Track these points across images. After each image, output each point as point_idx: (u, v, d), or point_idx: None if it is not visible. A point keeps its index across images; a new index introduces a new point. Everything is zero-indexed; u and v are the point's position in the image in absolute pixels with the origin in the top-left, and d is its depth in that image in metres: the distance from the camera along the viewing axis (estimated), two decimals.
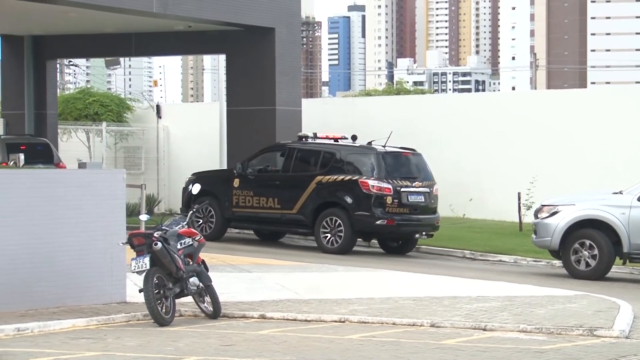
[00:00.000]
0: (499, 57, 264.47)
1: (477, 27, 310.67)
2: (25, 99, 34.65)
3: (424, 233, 26.36)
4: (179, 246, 16.14)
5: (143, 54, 41.59)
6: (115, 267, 17.62)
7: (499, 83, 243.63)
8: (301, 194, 26.32)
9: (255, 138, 31.48)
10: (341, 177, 26.05)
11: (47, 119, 34.77)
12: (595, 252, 22.51)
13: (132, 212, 26.44)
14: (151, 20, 30.09)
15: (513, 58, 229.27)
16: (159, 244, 15.68)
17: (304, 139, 27.88)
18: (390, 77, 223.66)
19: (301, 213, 26.26)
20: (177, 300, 16.05)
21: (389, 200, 25.52)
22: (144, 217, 18.32)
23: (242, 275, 20.93)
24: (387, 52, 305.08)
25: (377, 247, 27.57)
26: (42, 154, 31.12)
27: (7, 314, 15.84)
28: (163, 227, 16.40)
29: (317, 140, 27.57)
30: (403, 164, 26.74)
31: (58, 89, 40.91)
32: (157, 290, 15.58)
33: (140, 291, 15.71)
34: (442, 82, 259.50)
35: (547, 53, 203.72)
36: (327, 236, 25.93)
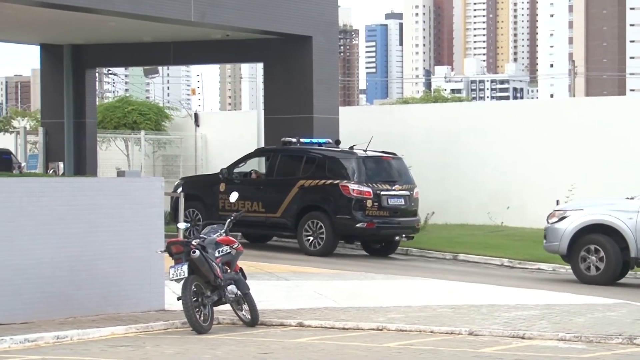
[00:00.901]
0: (537, 64, 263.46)
1: (515, 35, 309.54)
2: (64, 108, 34.83)
3: (404, 235, 26.67)
4: (216, 254, 16.18)
5: (181, 62, 41.84)
6: (154, 275, 17.69)
7: (537, 90, 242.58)
8: (284, 198, 26.84)
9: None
10: (323, 181, 26.59)
11: (87, 128, 34.92)
12: (603, 257, 22.62)
13: (169, 220, 26.52)
14: (189, 29, 30.20)
15: (551, 65, 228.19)
16: (197, 252, 15.73)
17: (287, 144, 28.33)
18: (428, 84, 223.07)
19: (284, 216, 26.78)
20: (215, 308, 16.09)
21: (369, 203, 26.07)
22: (182, 225, 18.38)
23: (279, 283, 20.95)
24: (424, 60, 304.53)
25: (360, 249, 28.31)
26: (5, 163, 32.04)
27: (47, 322, 15.93)
28: (201, 235, 16.46)
29: (300, 147, 28.07)
30: (383, 168, 27.27)
31: (97, 98, 41.11)
32: (195, 298, 15.63)
33: (178, 299, 15.75)
34: (479, 89, 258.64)
35: (585, 60, 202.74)
36: (309, 239, 26.49)
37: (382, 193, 26.35)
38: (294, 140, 28.24)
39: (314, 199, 26.64)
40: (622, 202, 23.20)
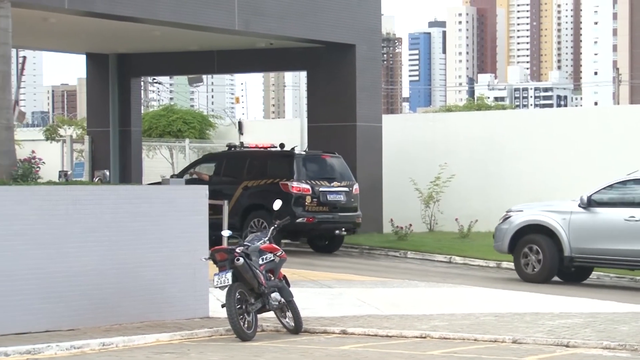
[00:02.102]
0: (581, 72, 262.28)
1: (559, 42, 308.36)
2: (110, 116, 35.04)
3: (343, 229, 26.83)
4: (260, 262, 16.21)
5: (225, 71, 41.99)
6: (198, 282, 17.75)
7: (581, 98, 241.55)
8: (230, 198, 26.96)
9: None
10: (264, 180, 27.34)
11: (132, 136, 35.12)
12: (541, 256, 23.58)
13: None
14: (233, 37, 30.32)
15: (595, 73, 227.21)
16: (241, 260, 15.76)
17: (232, 148, 29.46)
18: (471, 92, 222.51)
19: (231, 217, 26.71)
20: (259, 316, 16.11)
21: (308, 199, 27.03)
22: (226, 232, 18.42)
23: (323, 291, 20.96)
24: (467, 68, 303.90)
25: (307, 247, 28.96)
26: None
27: (93, 329, 16.03)
28: (245, 243, 16.49)
29: (245, 150, 29.30)
30: (322, 166, 28.30)
31: (142, 107, 41.33)
32: (239, 306, 15.66)
33: (222, 306, 15.79)
34: (523, 97, 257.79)
35: (630, 68, 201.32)
36: None
37: (321, 189, 27.41)
38: (237, 144, 29.97)
39: (257, 199, 27.41)
40: (559, 203, 24.44)
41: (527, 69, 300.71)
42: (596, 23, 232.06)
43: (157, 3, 26.15)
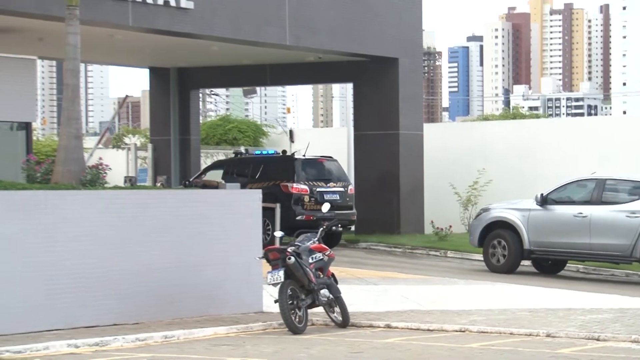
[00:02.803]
0: (610, 83, 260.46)
1: (590, 55, 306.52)
2: (171, 126, 35.21)
3: (339, 226, 27.02)
4: (310, 260, 16.24)
5: (277, 83, 42.01)
6: (253, 279, 17.81)
7: (610, 108, 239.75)
8: None
9: (380, 160, 31.58)
10: (267, 183, 27.60)
11: (191, 144, 35.28)
12: (506, 248, 24.59)
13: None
14: (285, 52, 30.39)
15: (624, 84, 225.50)
16: (293, 259, 15.80)
17: (238, 155, 30.32)
18: (507, 102, 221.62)
19: None
20: (309, 310, 16.13)
21: (306, 199, 27.61)
22: (278, 233, 18.46)
23: (369, 288, 20.96)
24: (503, 79, 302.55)
25: None
26: None
27: (156, 323, 16.11)
28: (296, 243, 16.53)
29: (249, 156, 29.85)
30: (319, 169, 28.92)
31: (200, 117, 41.50)
32: (290, 301, 15.69)
33: (275, 302, 15.82)
34: (556, 107, 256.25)
35: None
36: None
37: (318, 190, 28.07)
38: (243, 151, 30.82)
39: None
40: (521, 202, 25.30)
41: (560, 80, 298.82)
42: (625, 37, 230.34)
43: (215, 20, 26.25)
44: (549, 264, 25.38)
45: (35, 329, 15.04)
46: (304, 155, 29.05)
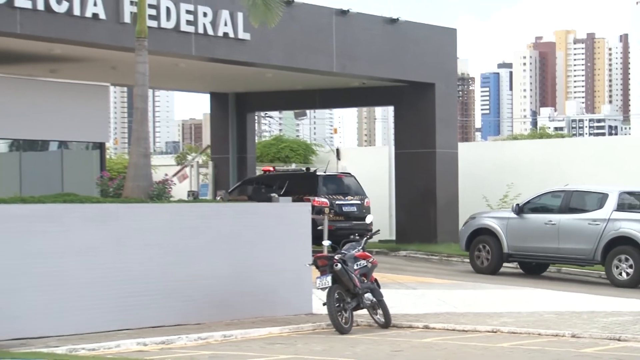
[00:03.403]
0: (629, 105, 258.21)
1: (610, 80, 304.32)
2: (229, 145, 35.32)
3: (357, 234, 26.91)
4: (355, 267, 16.22)
5: (325, 106, 42.10)
6: (303, 284, 17.80)
7: (629, 128, 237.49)
8: None
9: (418, 176, 31.51)
10: (291, 197, 27.04)
11: (247, 162, 35.36)
12: (489, 252, 25.20)
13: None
14: (332, 78, 30.42)
15: None
16: (339, 265, 15.79)
17: (266, 172, 30.27)
18: (534, 123, 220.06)
19: None
20: (354, 313, 16.11)
21: (327, 211, 26.97)
22: (326, 242, 18.46)
23: (408, 292, 20.88)
24: (531, 102, 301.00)
25: None
26: None
27: (216, 323, 16.15)
28: (342, 251, 16.51)
29: (277, 173, 30.00)
30: (338, 184, 29.00)
31: (256, 137, 41.60)
32: (337, 304, 15.67)
33: (323, 304, 15.81)
34: (579, 127, 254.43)
35: None
36: None
37: (337, 202, 28.13)
38: (271, 169, 30.68)
39: None
40: (501, 211, 26.28)
41: (583, 103, 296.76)
42: None
43: (269, 50, 26.33)
44: (534, 266, 25.90)
45: (107, 329, 15.12)
46: (324, 172, 29.42)
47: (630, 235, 23.22)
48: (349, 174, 30.20)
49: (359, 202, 28.81)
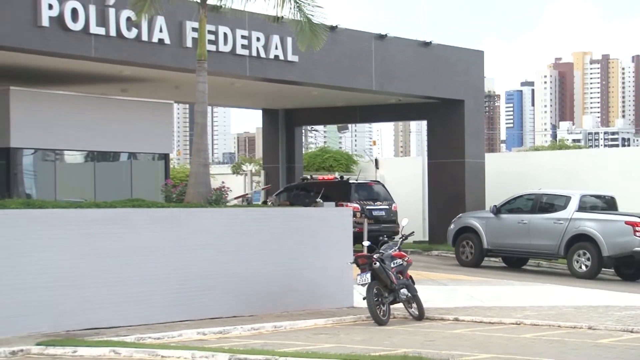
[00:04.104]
0: None
1: (624, 97, 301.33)
2: (279, 156, 35.40)
3: (385, 236, 26.63)
4: (392, 265, 16.18)
5: (365, 121, 41.98)
6: (345, 280, 17.77)
7: None
8: None
9: (449, 183, 31.39)
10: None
11: (295, 171, 35.41)
12: (473, 247, 25.97)
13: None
14: (371, 96, 30.41)
15: None
16: (378, 264, 15.76)
17: (304, 180, 30.35)
18: (554, 136, 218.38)
19: None
20: (391, 306, 16.06)
21: (358, 215, 27.13)
22: (366, 243, 18.41)
23: (440, 288, 20.78)
24: (551, 117, 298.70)
25: None
26: None
27: (267, 315, 16.17)
28: (380, 251, 16.47)
29: (314, 181, 29.71)
30: (368, 190, 29.00)
31: (303, 148, 41.66)
32: (376, 299, 15.64)
33: (363, 299, 15.78)
34: (595, 139, 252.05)
35: None
36: None
37: (367, 207, 28.05)
38: (309, 177, 30.60)
39: None
40: (483, 212, 26.79)
41: (598, 117, 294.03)
42: None
43: (315, 71, 26.37)
44: (515, 260, 26.47)
45: (170, 320, 15.19)
46: (356, 180, 29.50)
47: (588, 233, 23.89)
48: (378, 181, 30.28)
49: (387, 207, 28.77)
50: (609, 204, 25.54)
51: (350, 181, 29.15)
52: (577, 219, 24.21)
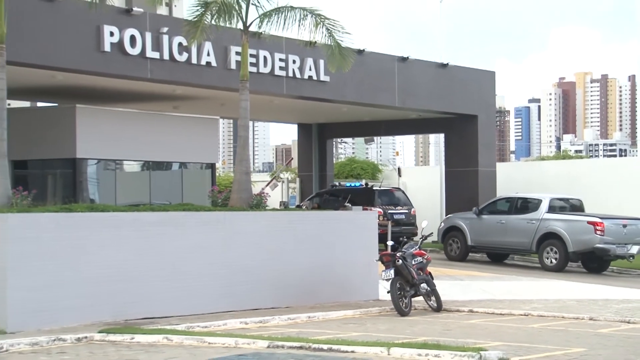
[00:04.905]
0: (636, 132, 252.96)
1: (621, 112, 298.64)
2: (313, 165, 35.41)
3: (405, 237, 26.32)
4: (413, 262, 16.13)
5: (389, 134, 41.91)
6: (371, 275, 17.74)
7: (636, 150, 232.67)
8: None
9: (464, 190, 31.21)
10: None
11: (327, 178, 35.40)
12: (459, 244, 26.36)
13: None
14: (394, 111, 30.35)
15: None
16: (400, 261, 15.73)
17: (333, 186, 30.14)
18: (558, 147, 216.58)
19: None
20: (412, 299, 16.01)
21: (380, 218, 26.67)
22: (390, 242, 18.38)
23: (456, 283, 20.70)
24: (555, 130, 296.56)
25: None
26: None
27: (302, 307, 16.17)
28: (403, 249, 16.43)
29: (341, 187, 29.50)
30: (390, 196, 28.84)
31: (333, 158, 41.67)
32: (399, 292, 15.60)
33: (387, 292, 15.75)
34: (595, 150, 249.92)
35: None
36: None
37: (389, 211, 27.96)
38: (337, 184, 30.42)
39: None
40: (467, 213, 26.84)
41: (598, 130, 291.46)
42: None
43: (345, 89, 26.37)
44: (497, 255, 26.69)
45: (216, 311, 15.24)
46: (379, 187, 29.50)
47: (557, 232, 24.40)
48: (399, 188, 30.26)
49: (406, 211, 28.71)
50: (575, 206, 26.10)
51: (374, 188, 29.05)
52: (547, 219, 24.75)
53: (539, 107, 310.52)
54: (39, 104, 28.76)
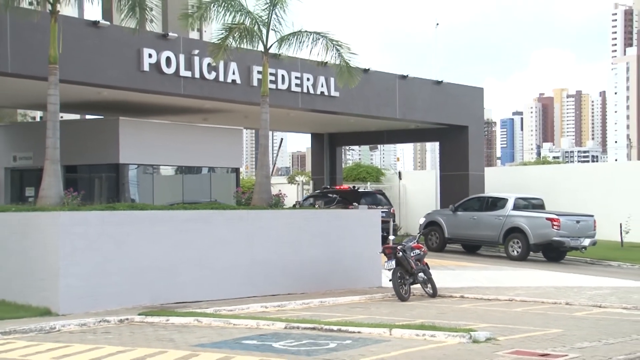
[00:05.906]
0: (607, 140, 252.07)
1: (593, 122, 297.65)
2: (324, 169, 35.42)
3: (385, 232, 26.12)
4: (412, 254, 16.08)
5: (390, 142, 41.73)
6: (375, 266, 17.70)
7: (606, 157, 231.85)
8: None
9: (456, 191, 31.13)
10: (342, 205, 26.96)
11: (336, 181, 35.40)
12: (437, 237, 26.60)
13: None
14: (395, 122, 30.32)
15: (615, 141, 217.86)
16: (401, 253, 15.68)
17: (324, 189, 29.61)
18: (538, 154, 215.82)
19: None
20: (411, 286, 15.96)
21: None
22: (391, 237, 18.32)
23: (449, 272, 20.63)
24: (536, 139, 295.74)
25: None
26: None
27: (314, 294, 16.14)
28: (403, 243, 16.38)
29: (332, 190, 28.91)
30: (373, 197, 28.21)
31: (342, 164, 41.61)
32: (399, 280, 15.55)
33: (389, 280, 15.70)
34: (570, 157, 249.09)
35: (637, 138, 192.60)
36: None
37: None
38: (328, 187, 30.14)
39: None
40: (445, 210, 27.07)
41: (573, 139, 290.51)
42: (616, 111, 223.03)
43: (352, 103, 26.37)
44: (470, 246, 26.87)
45: (240, 296, 15.24)
46: (365, 189, 29.55)
47: (520, 226, 24.76)
48: (381, 191, 30.18)
49: (387, 210, 28.24)
50: (537, 204, 26.41)
51: (360, 190, 28.91)
52: (512, 216, 25.08)
53: (522, 119, 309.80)
54: (87, 117, 28.88)
